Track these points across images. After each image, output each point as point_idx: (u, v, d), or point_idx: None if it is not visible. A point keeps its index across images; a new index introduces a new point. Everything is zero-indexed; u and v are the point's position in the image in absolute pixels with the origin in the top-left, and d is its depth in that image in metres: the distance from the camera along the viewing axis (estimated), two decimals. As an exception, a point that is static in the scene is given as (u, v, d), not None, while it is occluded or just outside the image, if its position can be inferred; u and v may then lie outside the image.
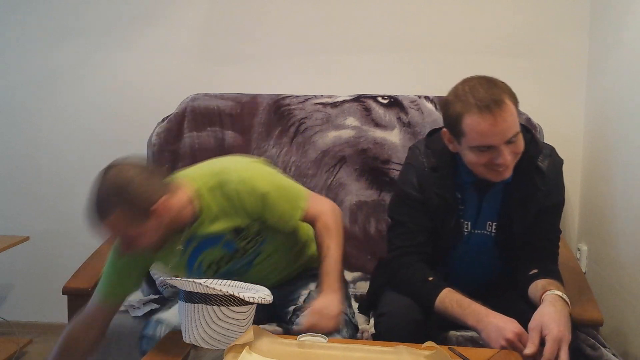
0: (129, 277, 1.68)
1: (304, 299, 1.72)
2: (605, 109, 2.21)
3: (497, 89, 1.47)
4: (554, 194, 1.63)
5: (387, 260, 1.71)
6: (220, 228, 1.63)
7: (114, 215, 1.45)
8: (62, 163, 2.68)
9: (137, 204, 1.46)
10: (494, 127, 1.44)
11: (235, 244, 1.67)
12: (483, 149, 1.48)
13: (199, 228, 1.62)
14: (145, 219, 1.48)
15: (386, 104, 2.33)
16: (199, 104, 2.39)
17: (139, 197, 1.46)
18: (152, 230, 1.51)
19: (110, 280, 1.67)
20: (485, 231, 1.67)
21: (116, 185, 1.46)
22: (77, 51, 2.61)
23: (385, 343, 1.41)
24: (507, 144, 1.48)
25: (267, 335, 1.37)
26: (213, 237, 1.64)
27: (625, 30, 2.02)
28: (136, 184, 1.46)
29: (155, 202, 1.47)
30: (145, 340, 1.63)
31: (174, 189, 1.55)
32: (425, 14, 2.44)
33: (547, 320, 1.37)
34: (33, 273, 2.75)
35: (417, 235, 1.64)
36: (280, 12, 2.51)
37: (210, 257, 1.68)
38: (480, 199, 1.64)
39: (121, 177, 1.46)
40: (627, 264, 1.95)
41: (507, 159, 1.48)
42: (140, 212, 1.47)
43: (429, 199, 1.63)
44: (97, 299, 1.66)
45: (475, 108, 1.45)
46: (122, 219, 1.46)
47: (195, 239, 1.65)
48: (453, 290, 1.56)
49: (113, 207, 1.45)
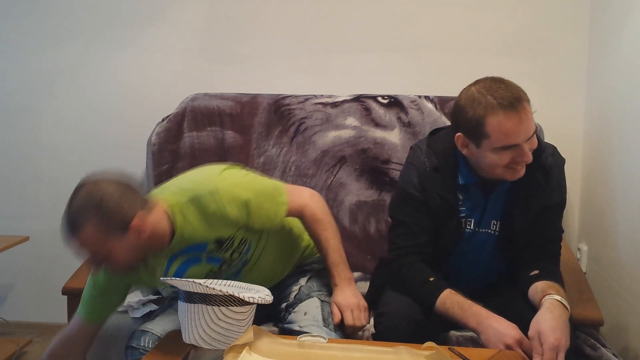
0: (111, 296, 1.66)
1: (294, 295, 1.73)
2: (605, 109, 2.21)
3: (513, 87, 1.48)
4: (556, 193, 1.63)
5: (388, 260, 1.71)
6: (201, 241, 1.59)
7: (86, 229, 1.41)
8: (62, 163, 2.67)
9: (112, 218, 1.42)
10: (519, 125, 1.45)
11: (219, 257, 1.64)
12: (506, 148, 1.48)
13: (178, 244, 1.57)
14: (121, 235, 1.43)
15: (386, 104, 2.33)
16: (199, 104, 2.39)
17: (114, 211, 1.42)
18: (128, 248, 1.46)
19: (90, 300, 1.65)
20: (490, 230, 1.67)
21: (89, 199, 1.42)
22: (77, 51, 2.61)
23: (385, 343, 1.41)
24: (527, 141, 1.49)
25: (267, 335, 1.37)
26: (194, 251, 1.61)
27: (625, 30, 2.02)
28: (111, 198, 1.42)
29: (131, 218, 1.43)
30: (130, 351, 1.61)
31: (151, 206, 1.51)
32: (425, 14, 2.44)
33: (544, 328, 1.37)
34: (33, 273, 2.75)
35: (418, 236, 1.64)
36: (281, 12, 2.50)
37: (196, 274, 1.62)
38: (485, 198, 1.64)
39: (95, 192, 1.43)
40: (627, 264, 1.94)
41: (530, 155, 1.49)
42: (116, 228, 1.43)
43: (430, 199, 1.62)
44: (79, 319, 1.65)
45: (500, 108, 1.45)
46: (94, 234, 1.41)
47: (177, 258, 1.62)
48: (454, 291, 1.56)
49: (85, 221, 1.41)
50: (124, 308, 1.92)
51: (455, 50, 2.43)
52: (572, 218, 2.42)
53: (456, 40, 2.43)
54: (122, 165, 2.59)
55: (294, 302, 1.71)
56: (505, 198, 1.64)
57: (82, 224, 1.41)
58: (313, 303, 1.68)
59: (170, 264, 1.62)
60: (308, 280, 1.77)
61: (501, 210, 1.65)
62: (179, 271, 1.62)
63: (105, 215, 1.41)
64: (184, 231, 1.55)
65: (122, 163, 2.60)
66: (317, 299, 1.69)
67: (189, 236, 1.56)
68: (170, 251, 1.59)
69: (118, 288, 1.67)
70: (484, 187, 1.63)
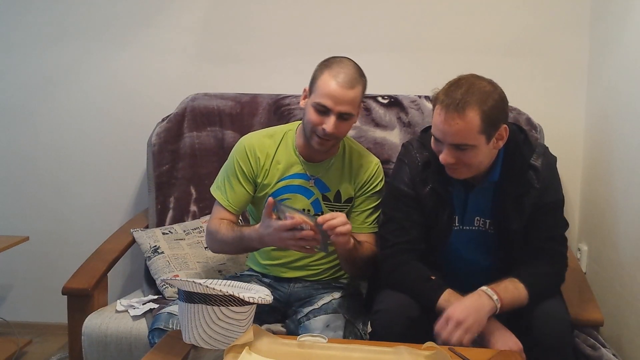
0: (242, 196, 1.83)
1: (322, 304, 1.73)
2: (605, 109, 2.21)
3: (471, 99, 1.48)
4: (550, 192, 1.63)
5: (381, 257, 1.71)
6: (333, 180, 1.81)
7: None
8: (62, 163, 2.67)
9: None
10: (443, 124, 1.50)
11: (322, 207, 1.81)
12: (436, 140, 1.56)
13: (320, 168, 1.81)
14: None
15: (386, 104, 2.33)
16: (198, 104, 2.39)
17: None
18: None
19: (231, 192, 1.83)
20: (474, 227, 1.67)
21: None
22: (77, 51, 2.61)
23: (385, 343, 1.41)
24: (454, 148, 1.52)
25: (267, 336, 1.37)
26: (317, 183, 1.81)
27: (625, 30, 2.02)
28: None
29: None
30: (157, 333, 1.61)
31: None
32: (426, 14, 2.44)
33: (452, 307, 1.49)
34: (33, 273, 2.75)
35: (410, 231, 1.65)
36: (280, 12, 2.50)
37: (294, 202, 1.79)
38: (466, 195, 1.65)
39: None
40: (627, 264, 1.94)
41: (444, 158, 1.53)
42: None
43: (422, 193, 1.64)
44: (220, 209, 1.83)
45: (439, 103, 1.52)
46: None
47: (309, 176, 1.81)
48: (454, 292, 1.56)
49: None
50: (124, 308, 1.93)
51: (456, 50, 2.43)
52: (572, 218, 2.42)
53: (456, 40, 2.43)
54: (122, 165, 2.62)
55: (319, 310, 1.71)
56: (494, 197, 1.64)
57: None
58: (338, 319, 1.67)
59: (290, 178, 1.81)
60: (342, 298, 1.77)
61: (489, 209, 1.65)
62: (285, 189, 1.81)
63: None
64: (339, 158, 1.84)
65: (122, 163, 2.63)
66: (343, 316, 1.68)
67: (335, 169, 1.82)
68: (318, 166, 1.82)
69: (246, 190, 1.83)
70: (465, 184, 1.65)
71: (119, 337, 1.84)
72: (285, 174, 1.81)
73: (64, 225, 2.69)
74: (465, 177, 1.60)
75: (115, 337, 1.84)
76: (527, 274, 1.58)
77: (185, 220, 2.32)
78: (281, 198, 1.77)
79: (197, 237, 2.19)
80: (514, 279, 1.56)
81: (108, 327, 1.85)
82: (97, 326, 1.86)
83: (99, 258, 2.09)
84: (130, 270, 2.64)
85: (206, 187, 2.33)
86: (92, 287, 1.93)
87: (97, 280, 1.96)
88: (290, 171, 1.82)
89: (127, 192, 2.65)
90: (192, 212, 2.35)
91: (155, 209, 2.33)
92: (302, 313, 1.73)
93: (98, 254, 2.13)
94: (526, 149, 1.63)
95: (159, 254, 2.10)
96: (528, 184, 1.61)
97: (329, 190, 1.82)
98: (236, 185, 1.82)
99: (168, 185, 2.35)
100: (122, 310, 1.92)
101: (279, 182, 1.81)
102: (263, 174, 1.81)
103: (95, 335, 1.85)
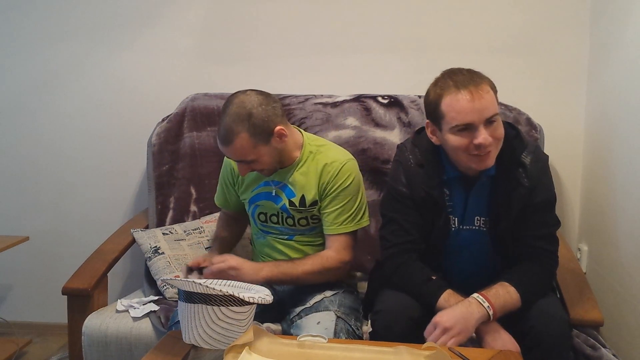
0: (230, 200, 2.00)
1: (314, 302, 1.73)
2: (605, 108, 2.21)
3: (476, 75, 1.53)
4: (540, 191, 1.62)
5: (382, 258, 1.71)
6: (298, 185, 1.82)
7: (239, 139, 1.69)
8: (62, 163, 2.68)
9: (260, 126, 1.69)
10: (471, 102, 1.49)
11: (290, 211, 1.84)
12: (462, 129, 1.52)
13: (287, 175, 1.83)
14: (266, 141, 1.71)
15: (386, 104, 2.33)
16: (199, 104, 2.39)
17: (262, 120, 1.69)
18: (269, 154, 1.74)
19: (220, 194, 2.02)
20: (474, 227, 1.67)
21: (241, 111, 1.69)
22: (77, 51, 2.61)
23: (385, 343, 1.41)
24: (487, 124, 1.50)
25: (267, 336, 1.37)
26: (284, 189, 1.84)
27: (625, 30, 2.02)
28: (259, 110, 1.69)
29: (275, 126, 1.71)
30: (177, 326, 1.59)
31: (289, 125, 1.81)
32: (426, 13, 2.44)
33: (440, 315, 1.50)
34: (33, 273, 2.75)
35: (409, 232, 1.65)
36: (280, 12, 2.50)
37: (266, 208, 1.88)
38: (466, 194, 1.65)
39: (245, 104, 1.69)
40: (627, 264, 1.94)
41: (488, 139, 1.50)
42: (262, 135, 1.70)
43: (417, 194, 1.64)
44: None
45: (454, 87, 1.51)
46: (246, 143, 1.69)
47: (274, 184, 1.85)
48: (454, 292, 1.56)
49: (239, 133, 1.68)
50: (125, 308, 1.93)
51: (456, 50, 2.43)
52: (572, 218, 2.42)
53: (456, 40, 2.43)
54: (122, 165, 2.63)
55: (310, 309, 1.71)
56: (489, 195, 1.64)
57: (237, 134, 1.69)
58: (329, 316, 1.68)
59: (258, 187, 1.88)
60: (334, 295, 1.78)
61: (486, 206, 1.65)
62: (256, 197, 1.89)
63: (256, 124, 1.69)
64: (298, 168, 1.82)
65: (122, 163, 2.63)
66: (334, 313, 1.69)
67: (296, 175, 1.82)
68: (279, 176, 1.84)
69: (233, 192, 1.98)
70: (465, 182, 1.64)
71: (119, 337, 1.84)
72: (255, 183, 1.89)
73: (64, 225, 2.70)
74: (492, 163, 1.57)
75: (115, 337, 1.84)
76: (517, 276, 1.58)
77: (186, 220, 2.32)
78: (256, 204, 1.90)
79: (197, 238, 2.19)
80: (504, 283, 1.56)
81: (108, 327, 1.85)
82: (97, 326, 1.86)
83: (99, 258, 2.10)
84: (130, 270, 2.64)
85: (206, 187, 2.34)
86: (92, 287, 1.93)
87: (97, 280, 1.96)
88: (259, 180, 1.88)
89: (127, 192, 2.65)
90: (192, 212, 2.35)
91: (155, 209, 2.33)
92: (295, 312, 1.74)
93: (98, 254, 2.13)
94: (517, 145, 1.63)
95: (159, 254, 2.10)
96: (516, 180, 1.61)
97: (294, 195, 1.83)
98: (224, 191, 2.00)
99: (168, 185, 2.35)
100: (122, 311, 1.92)
101: (253, 190, 1.90)
102: (239, 185, 1.95)
103: (95, 335, 1.85)
